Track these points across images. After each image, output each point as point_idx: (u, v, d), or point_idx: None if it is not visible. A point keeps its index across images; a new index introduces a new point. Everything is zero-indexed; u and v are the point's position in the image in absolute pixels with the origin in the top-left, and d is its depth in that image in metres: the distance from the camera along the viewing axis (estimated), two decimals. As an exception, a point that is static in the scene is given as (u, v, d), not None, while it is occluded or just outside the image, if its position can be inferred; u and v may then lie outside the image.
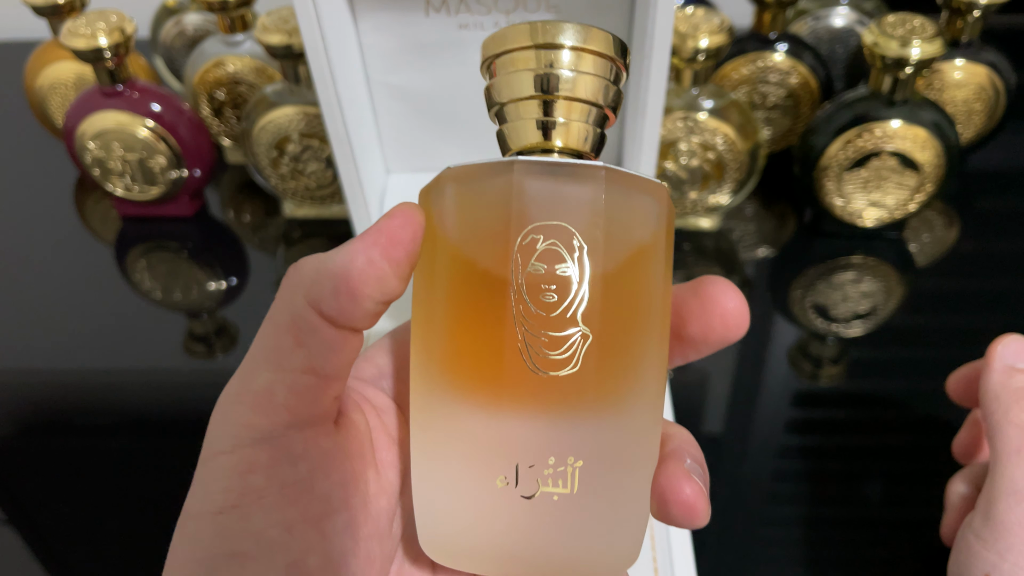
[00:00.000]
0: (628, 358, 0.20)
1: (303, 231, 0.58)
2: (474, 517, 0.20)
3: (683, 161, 0.52)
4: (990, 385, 0.32)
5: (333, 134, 0.44)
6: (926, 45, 0.46)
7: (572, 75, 0.20)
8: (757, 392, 0.47)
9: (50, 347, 0.51)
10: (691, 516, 0.20)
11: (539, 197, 0.19)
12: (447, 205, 0.20)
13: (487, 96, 0.21)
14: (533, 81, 0.20)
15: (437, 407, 0.20)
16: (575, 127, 0.20)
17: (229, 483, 0.19)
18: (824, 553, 0.39)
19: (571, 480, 0.19)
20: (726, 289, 0.20)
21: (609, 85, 0.20)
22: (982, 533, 0.30)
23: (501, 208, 0.19)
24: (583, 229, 0.19)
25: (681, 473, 0.20)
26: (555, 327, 0.19)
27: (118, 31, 0.50)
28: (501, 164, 0.19)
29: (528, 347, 0.19)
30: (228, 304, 0.53)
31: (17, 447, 0.45)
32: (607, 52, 0.20)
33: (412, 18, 0.45)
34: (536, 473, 0.19)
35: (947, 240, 0.56)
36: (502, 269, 0.19)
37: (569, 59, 0.20)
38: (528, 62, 0.20)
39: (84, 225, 0.60)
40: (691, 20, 0.48)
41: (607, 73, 0.20)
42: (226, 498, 0.18)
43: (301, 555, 0.19)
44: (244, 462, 0.19)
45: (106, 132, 0.53)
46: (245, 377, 0.20)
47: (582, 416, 0.19)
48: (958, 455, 0.37)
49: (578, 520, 0.20)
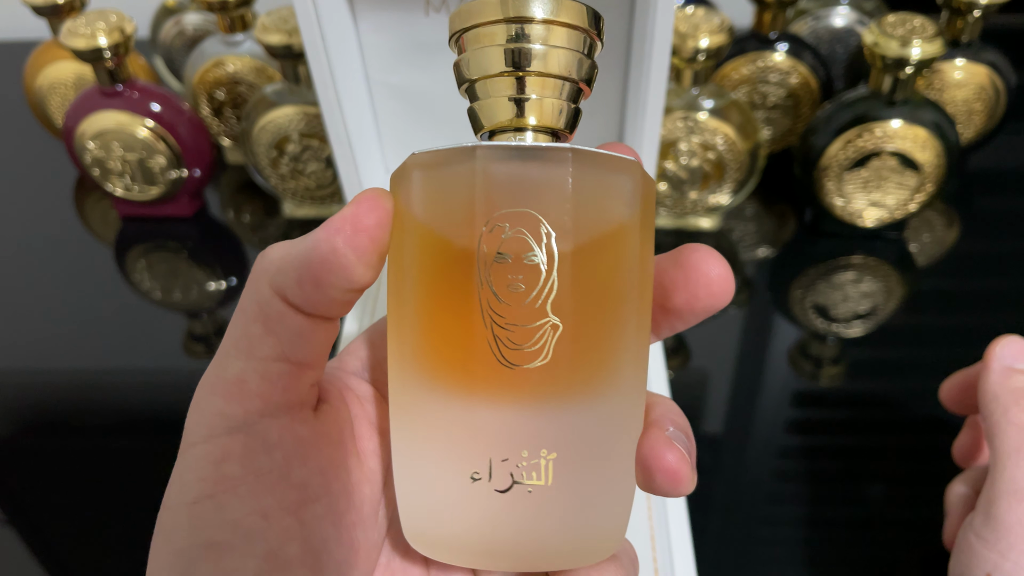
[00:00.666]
0: (602, 346, 0.19)
1: (303, 231, 0.58)
2: (451, 510, 0.20)
3: (683, 161, 0.52)
4: (989, 386, 0.32)
5: (333, 134, 0.44)
6: (926, 45, 0.46)
7: (544, 49, 0.19)
8: (757, 392, 0.47)
9: (50, 347, 0.51)
10: (675, 483, 0.19)
11: (503, 183, 0.18)
12: (414, 191, 0.19)
13: (456, 72, 0.21)
14: (504, 56, 0.19)
15: (413, 397, 0.20)
16: (548, 103, 0.20)
17: (204, 473, 0.18)
18: (824, 553, 0.39)
19: (545, 472, 0.19)
20: (708, 256, 0.20)
21: (583, 58, 0.20)
22: (983, 533, 0.30)
23: (465, 196, 0.18)
24: (551, 215, 0.18)
25: (663, 441, 0.19)
26: (524, 318, 0.18)
27: (118, 31, 0.50)
28: (464, 150, 0.19)
29: (497, 339, 0.18)
30: (228, 304, 0.53)
31: (17, 447, 0.45)
32: (580, 23, 0.19)
33: (412, 18, 0.45)
34: (509, 467, 0.19)
35: (947, 240, 0.56)
36: (466, 260, 0.18)
37: (540, 32, 0.19)
38: (498, 36, 0.19)
39: (84, 225, 0.60)
40: (691, 20, 0.48)
41: (580, 46, 0.19)
42: (201, 488, 0.18)
43: (279, 543, 0.18)
44: (218, 451, 0.19)
45: (106, 132, 0.53)
46: (217, 367, 0.19)
47: (555, 408, 0.19)
48: (958, 458, 0.37)
49: (555, 511, 0.19)
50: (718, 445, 0.44)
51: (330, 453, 0.20)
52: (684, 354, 0.49)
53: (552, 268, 0.18)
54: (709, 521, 0.40)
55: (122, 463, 0.44)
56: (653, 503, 0.38)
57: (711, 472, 0.42)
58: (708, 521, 0.40)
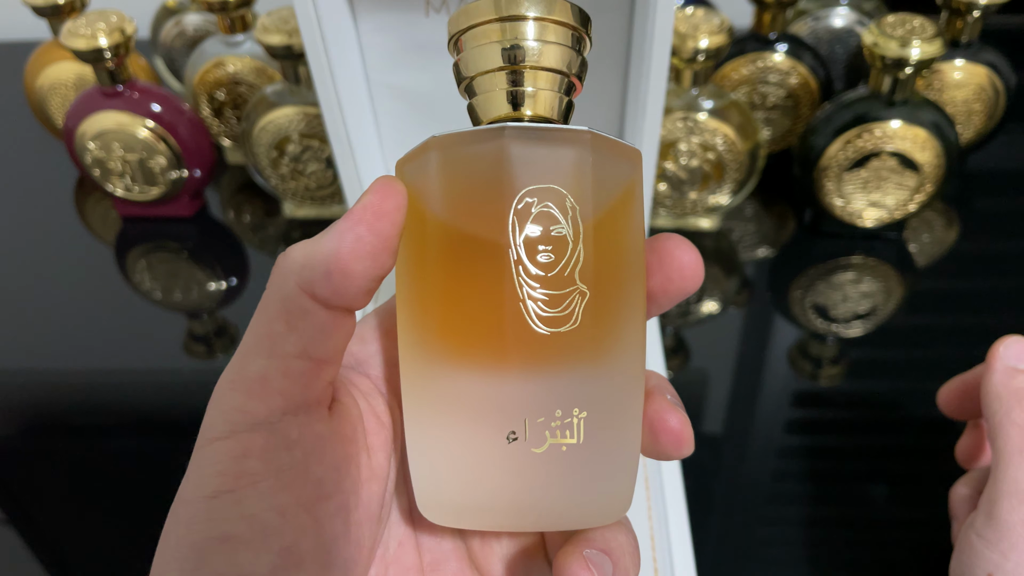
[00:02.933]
0: (619, 311, 0.21)
1: (303, 231, 0.58)
2: (483, 475, 0.21)
3: (683, 161, 0.52)
4: (991, 386, 0.32)
5: (333, 134, 0.44)
6: (926, 45, 0.46)
7: (538, 45, 0.20)
8: (757, 392, 0.47)
9: (50, 347, 0.51)
10: (678, 445, 0.21)
11: (530, 161, 0.20)
12: (432, 174, 0.20)
13: (456, 72, 0.22)
14: (500, 53, 0.20)
15: (434, 374, 0.20)
16: (543, 95, 0.21)
17: (224, 467, 0.19)
18: (824, 553, 0.39)
19: (577, 431, 0.20)
20: (680, 243, 0.21)
21: (574, 55, 0.21)
22: (985, 533, 0.30)
23: (494, 174, 0.20)
24: (574, 191, 0.20)
25: (667, 405, 0.21)
26: (554, 286, 0.20)
27: (118, 31, 0.50)
28: (490, 131, 0.20)
29: (530, 306, 0.20)
30: (228, 304, 0.53)
31: (17, 447, 0.45)
32: (570, 22, 0.21)
33: (412, 18, 0.45)
34: (544, 426, 0.20)
35: (947, 240, 0.56)
36: (499, 234, 0.20)
37: (534, 30, 0.20)
38: (494, 35, 0.20)
39: (84, 225, 0.60)
40: (691, 20, 0.48)
41: (572, 42, 0.21)
42: (221, 482, 0.18)
43: (294, 539, 0.19)
44: (240, 447, 0.19)
45: (106, 132, 0.53)
46: (239, 364, 0.20)
47: (583, 369, 0.20)
48: (961, 460, 0.37)
49: (585, 468, 0.21)
50: (718, 445, 0.44)
51: (344, 450, 0.21)
52: (684, 354, 0.49)
53: (578, 239, 0.20)
54: (709, 521, 0.40)
55: (122, 463, 0.44)
56: (653, 503, 0.38)
57: (711, 472, 0.42)
58: (708, 521, 0.40)
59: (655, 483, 0.39)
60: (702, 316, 0.51)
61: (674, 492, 0.38)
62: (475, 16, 0.20)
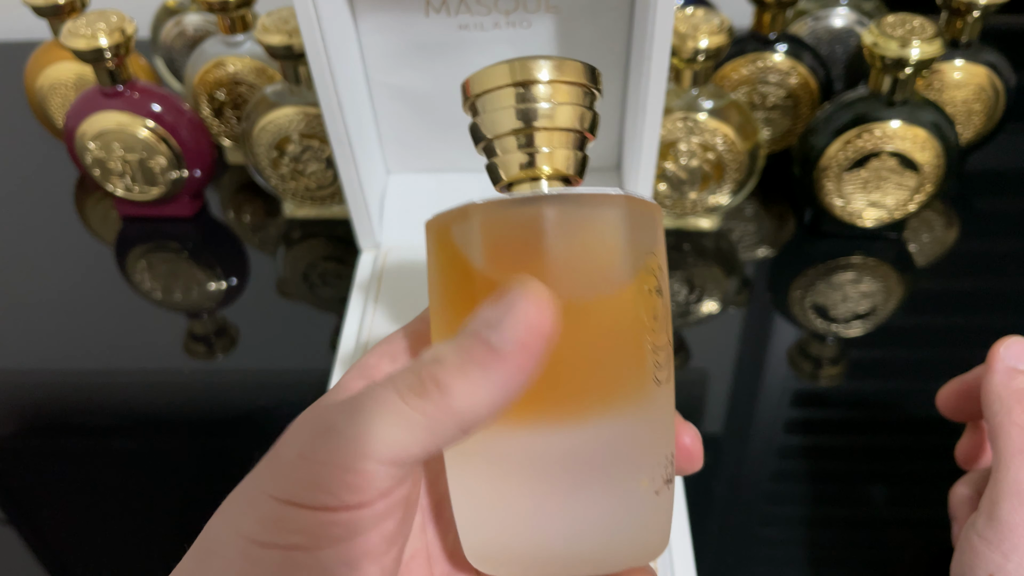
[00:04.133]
0: (669, 360, 0.23)
1: (303, 231, 0.58)
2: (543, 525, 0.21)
3: (683, 161, 0.52)
4: (992, 386, 0.32)
5: (333, 134, 0.44)
6: (926, 45, 0.46)
7: (552, 106, 0.22)
8: (757, 392, 0.47)
9: (50, 347, 0.51)
10: (692, 461, 0.23)
11: (571, 226, 0.20)
12: (474, 237, 0.21)
13: (473, 132, 0.23)
14: (516, 115, 0.22)
15: (513, 431, 0.20)
16: (559, 154, 0.22)
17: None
18: (824, 553, 0.39)
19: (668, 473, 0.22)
20: (684, 426, 0.23)
21: (586, 111, 0.22)
22: (986, 534, 0.30)
23: (535, 239, 0.20)
24: (619, 250, 0.21)
25: (680, 423, 0.23)
26: (665, 342, 0.22)
27: (118, 31, 0.50)
28: (529, 199, 0.20)
29: (654, 361, 0.21)
30: (228, 304, 0.54)
31: (17, 447, 0.45)
32: (582, 80, 0.22)
33: (412, 18, 0.45)
34: (668, 469, 0.22)
35: (947, 240, 0.56)
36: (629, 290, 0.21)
37: (548, 92, 0.22)
38: (509, 99, 0.22)
39: (84, 225, 0.60)
40: (691, 20, 0.48)
41: (584, 100, 0.22)
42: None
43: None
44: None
45: (106, 132, 0.53)
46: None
47: (669, 417, 0.22)
48: (961, 461, 0.37)
49: (667, 509, 0.22)
50: (718, 445, 0.44)
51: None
52: (684, 354, 0.49)
53: (666, 296, 0.22)
54: (709, 521, 0.40)
55: (122, 463, 0.44)
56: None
57: (711, 472, 0.42)
58: (708, 521, 0.40)
59: (655, 483, 0.39)
60: (702, 316, 0.52)
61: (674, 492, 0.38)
62: (490, 82, 0.22)
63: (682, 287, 0.53)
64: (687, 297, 0.52)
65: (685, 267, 0.54)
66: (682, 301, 0.52)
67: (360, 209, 0.48)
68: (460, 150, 0.51)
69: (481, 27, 0.45)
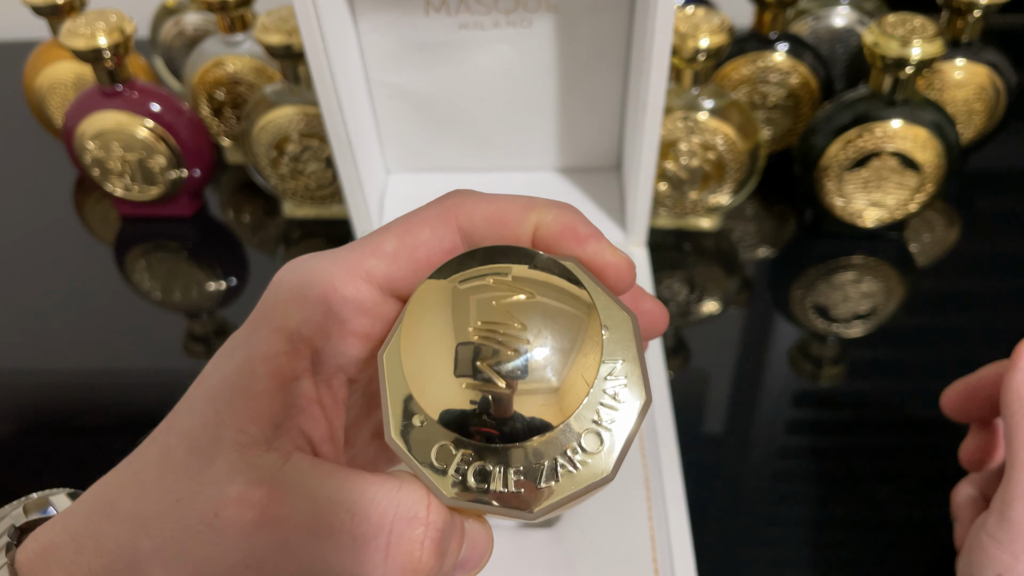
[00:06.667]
0: None
1: (303, 231, 0.58)
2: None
3: (683, 161, 0.52)
4: (1014, 385, 0.32)
5: (333, 134, 0.44)
6: (926, 45, 0.46)
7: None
8: (757, 392, 0.47)
9: (50, 347, 0.51)
10: (656, 324, 0.24)
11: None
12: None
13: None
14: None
15: None
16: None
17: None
18: (824, 554, 0.39)
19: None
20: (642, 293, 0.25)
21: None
22: (996, 534, 0.30)
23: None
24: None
25: (638, 291, 0.24)
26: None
27: (118, 31, 0.50)
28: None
29: None
30: (228, 304, 0.53)
31: (17, 447, 0.45)
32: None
33: (412, 18, 0.45)
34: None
35: (948, 240, 0.56)
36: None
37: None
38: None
39: (84, 225, 0.60)
40: (691, 20, 0.48)
41: None
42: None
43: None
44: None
45: (105, 132, 0.53)
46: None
47: None
48: (965, 462, 0.37)
49: None
50: (718, 445, 0.44)
51: None
52: (684, 354, 0.49)
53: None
54: (709, 521, 0.40)
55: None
56: (653, 503, 0.38)
57: (711, 472, 0.42)
58: (708, 521, 0.40)
59: (655, 483, 0.39)
60: (702, 316, 0.51)
61: (674, 492, 0.38)
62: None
63: (682, 287, 0.53)
64: (688, 297, 0.52)
65: (685, 267, 0.54)
66: (683, 301, 0.52)
67: (360, 209, 0.48)
68: (460, 150, 0.51)
69: (481, 26, 0.45)
